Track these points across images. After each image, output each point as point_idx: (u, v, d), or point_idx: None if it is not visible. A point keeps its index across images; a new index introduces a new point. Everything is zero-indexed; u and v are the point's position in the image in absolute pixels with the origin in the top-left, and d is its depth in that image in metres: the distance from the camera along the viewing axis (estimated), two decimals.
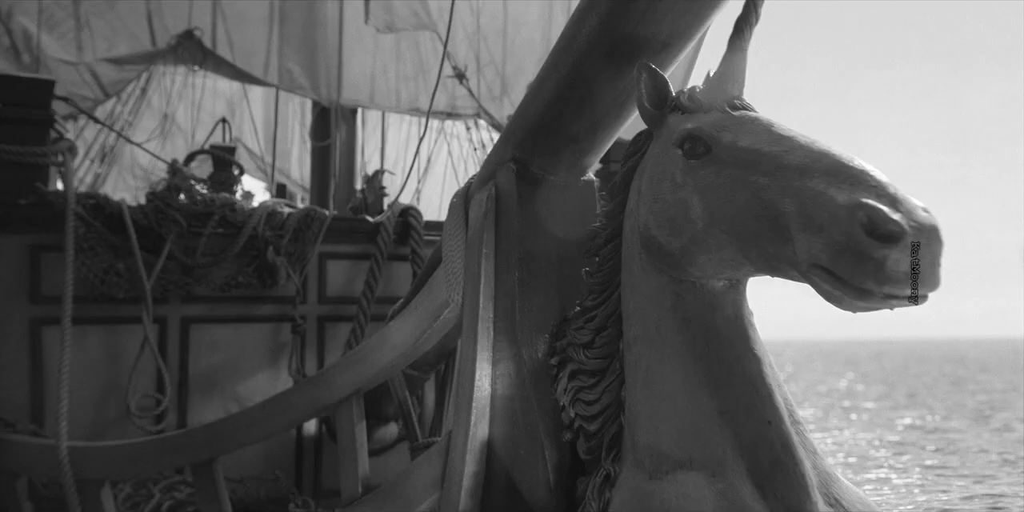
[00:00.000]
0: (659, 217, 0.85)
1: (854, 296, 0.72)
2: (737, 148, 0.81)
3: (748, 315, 0.88)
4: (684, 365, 0.83)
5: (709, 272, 0.83)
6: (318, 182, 4.64)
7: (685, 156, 0.82)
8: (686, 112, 0.88)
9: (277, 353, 2.99)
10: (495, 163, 1.31)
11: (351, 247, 3.12)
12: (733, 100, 0.88)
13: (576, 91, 1.06)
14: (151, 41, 4.11)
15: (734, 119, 0.85)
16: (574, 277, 1.23)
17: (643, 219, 0.88)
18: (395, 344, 1.76)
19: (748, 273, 0.82)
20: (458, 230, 1.48)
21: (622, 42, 0.95)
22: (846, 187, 0.75)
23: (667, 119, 0.90)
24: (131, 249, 2.63)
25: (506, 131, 1.30)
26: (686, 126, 0.83)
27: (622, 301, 0.96)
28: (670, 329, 0.83)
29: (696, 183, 0.82)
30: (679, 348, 0.83)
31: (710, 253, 0.82)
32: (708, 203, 0.80)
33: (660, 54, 0.96)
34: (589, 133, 1.13)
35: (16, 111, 2.68)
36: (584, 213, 1.26)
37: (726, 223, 0.80)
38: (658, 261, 0.86)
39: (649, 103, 0.89)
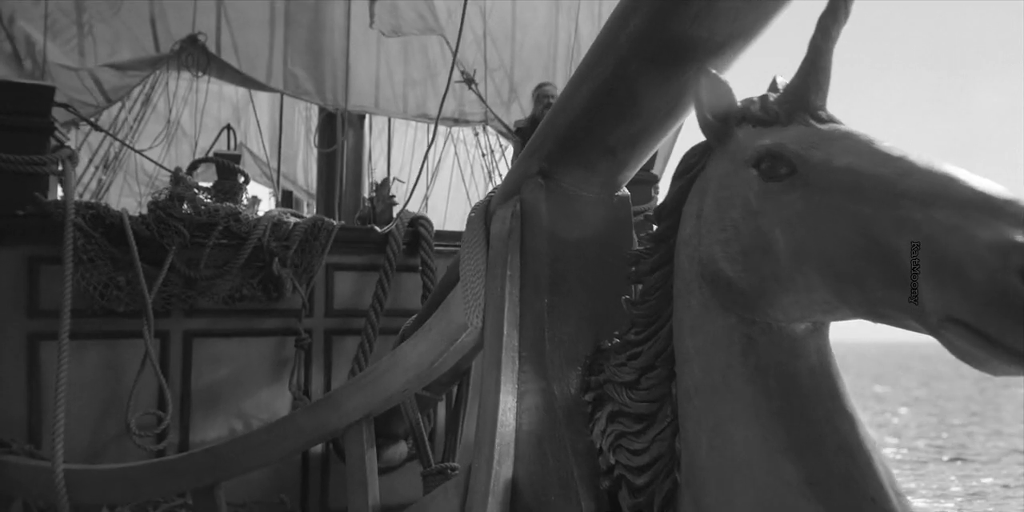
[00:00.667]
0: (728, 248, 0.71)
1: (1005, 359, 0.58)
2: (832, 169, 0.66)
3: (834, 363, 0.75)
4: (761, 424, 0.70)
5: (794, 315, 0.70)
6: (324, 189, 4.54)
7: (762, 177, 0.68)
8: (759, 125, 0.74)
9: (282, 368, 2.89)
10: (520, 176, 1.21)
11: (359, 258, 3.02)
12: (817, 111, 0.73)
13: (615, 99, 0.95)
14: (155, 46, 4.03)
15: (824, 134, 0.70)
16: (608, 303, 1.13)
17: (706, 249, 0.74)
18: (408, 367, 1.66)
19: (843, 317, 0.69)
20: (478, 248, 1.38)
21: (672, 44, 0.83)
22: (989, 221, 0.60)
23: (734, 132, 0.76)
24: (132, 261, 2.53)
25: (532, 142, 1.19)
26: (763, 142, 0.69)
27: (675, 339, 0.83)
28: (740, 378, 0.70)
29: (778, 211, 0.68)
30: (752, 402, 0.70)
31: (796, 294, 0.69)
32: (794, 235, 0.66)
33: (715, 57, 0.85)
34: (628, 145, 1.02)
35: (15, 119, 2.59)
36: (619, 232, 1.15)
37: (819, 260, 0.66)
38: (726, 299, 0.72)
39: (711, 113, 0.76)
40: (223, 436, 2.78)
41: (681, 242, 0.82)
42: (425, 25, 4.23)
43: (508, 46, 5.13)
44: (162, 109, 6.42)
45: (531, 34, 5.18)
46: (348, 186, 4.52)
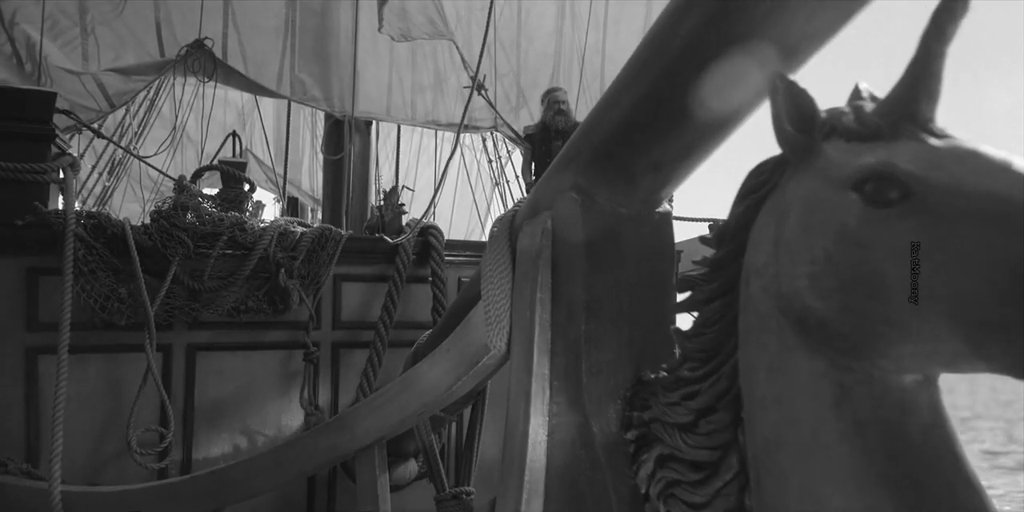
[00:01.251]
0: (820, 283, 0.59)
1: None
2: (964, 195, 0.54)
3: (949, 420, 0.64)
4: (862, 490, 0.58)
5: (908, 367, 0.59)
6: (331, 196, 4.46)
7: (866, 202, 0.56)
8: (855, 139, 0.64)
9: (289, 382, 2.79)
10: (550, 190, 1.11)
11: (367, 268, 2.93)
12: (928, 124, 0.60)
13: (664, 108, 0.85)
14: (159, 51, 3.96)
15: (944, 151, 0.58)
16: (649, 329, 1.03)
17: (789, 282, 0.63)
18: (424, 390, 1.56)
19: (975, 370, 0.57)
20: (502, 266, 1.28)
21: (734, 47, 0.74)
22: None
23: (822, 148, 0.64)
24: (134, 272, 2.45)
25: (566, 154, 1.10)
26: (865, 160, 0.57)
27: (743, 380, 0.73)
28: (833, 434, 0.59)
29: (889, 242, 0.56)
30: (851, 464, 0.59)
31: (916, 343, 0.56)
32: (913, 272, 0.53)
33: (783, 62, 0.75)
34: (676, 159, 0.92)
35: (15, 125, 2.52)
36: (660, 252, 1.06)
37: (950, 304, 0.54)
38: (815, 341, 0.61)
39: (792, 125, 0.64)
40: (227, 453, 2.68)
41: (752, 271, 0.71)
42: (435, 30, 4.15)
43: (515, 52, 5.06)
44: (167, 114, 6.38)
45: (538, 41, 5.11)
46: (355, 193, 4.44)
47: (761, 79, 0.78)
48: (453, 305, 1.66)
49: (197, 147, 7.70)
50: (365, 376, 2.74)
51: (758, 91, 0.79)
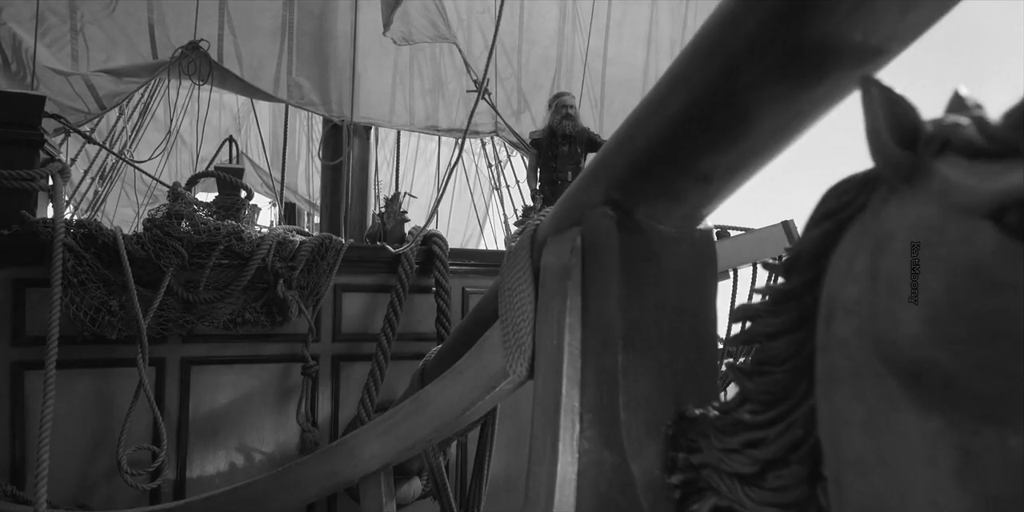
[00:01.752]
0: (947, 333, 0.49)
1: None
2: None
3: None
4: None
5: None
6: (329, 203, 4.36)
7: (1008, 235, 0.46)
8: (978, 157, 0.51)
9: (287, 397, 2.69)
10: (579, 205, 1.02)
11: (369, 278, 2.84)
12: None
13: (719, 116, 0.75)
14: (152, 52, 3.86)
15: None
16: (691, 359, 0.94)
17: (899, 328, 0.53)
18: (434, 414, 1.46)
19: None
20: (523, 285, 1.19)
21: (808, 49, 0.64)
22: None
23: (934, 166, 0.53)
24: (126, 284, 2.34)
25: (597, 165, 1.00)
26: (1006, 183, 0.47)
27: (826, 433, 0.63)
28: (951, 504, 0.50)
29: None
30: None
31: None
32: None
33: (864, 65, 0.65)
34: (729, 171, 0.82)
35: (2, 131, 2.41)
36: (702, 273, 0.96)
37: None
38: (938, 399, 0.51)
39: (893, 138, 0.54)
40: (223, 471, 2.58)
41: (839, 308, 0.61)
42: (437, 33, 4.07)
43: (516, 56, 4.98)
44: (161, 117, 6.27)
45: (540, 44, 5.04)
46: (354, 200, 4.34)
47: (838, 83, 0.68)
48: (465, 324, 1.56)
49: (192, 151, 7.60)
50: (367, 390, 2.64)
51: (831, 96, 0.70)
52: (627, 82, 5.22)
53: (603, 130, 4.80)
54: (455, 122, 4.71)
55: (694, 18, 5.71)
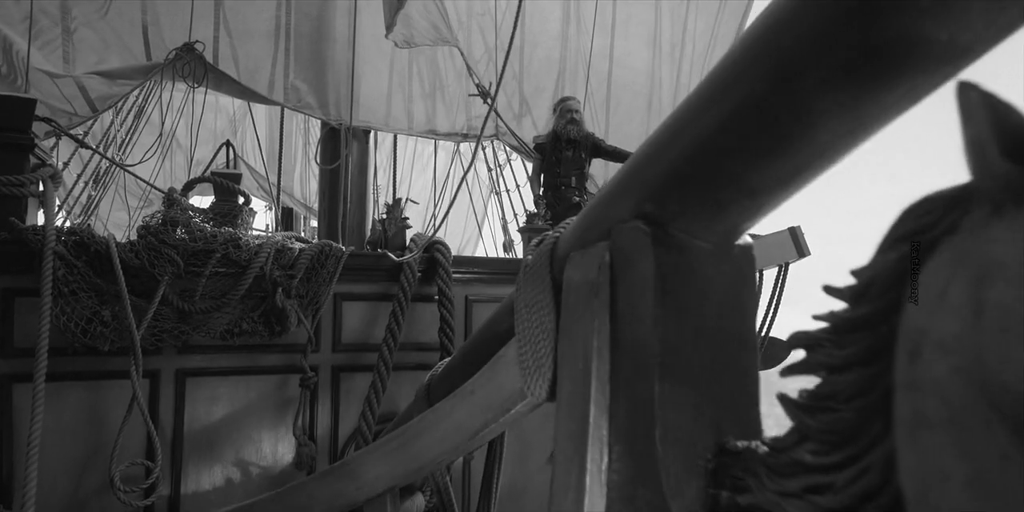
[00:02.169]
0: None
1: None
2: None
3: None
4: None
5: None
6: (328, 208, 4.28)
7: None
8: None
9: (286, 409, 2.61)
10: (607, 218, 0.95)
11: (370, 287, 2.76)
12: None
13: (770, 123, 0.68)
14: (146, 54, 3.78)
15: None
16: (731, 387, 0.87)
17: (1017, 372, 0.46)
18: (443, 436, 1.39)
19: None
20: (542, 303, 1.12)
21: (883, 48, 0.57)
22: None
23: None
24: (119, 293, 2.26)
25: (626, 176, 0.93)
26: None
27: (911, 484, 0.56)
28: None
29: None
30: None
31: None
32: None
33: (947, 67, 0.58)
34: (778, 184, 0.75)
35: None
36: (743, 292, 0.89)
37: None
38: None
39: (1002, 150, 0.47)
40: (219, 487, 2.50)
41: (930, 344, 0.54)
42: (438, 36, 4.00)
43: (517, 59, 4.92)
44: (156, 120, 6.18)
45: (542, 46, 4.97)
46: (352, 205, 4.26)
47: (912, 88, 0.62)
48: (475, 339, 1.49)
49: (187, 154, 7.51)
50: (368, 403, 2.57)
51: (903, 102, 0.63)
52: (632, 85, 5.17)
53: (608, 133, 4.75)
54: (454, 126, 4.64)
55: (694, 21, 5.67)
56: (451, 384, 1.52)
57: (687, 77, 5.63)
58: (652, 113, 5.41)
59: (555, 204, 3.68)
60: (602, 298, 0.93)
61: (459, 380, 1.44)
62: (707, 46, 5.70)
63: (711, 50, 5.69)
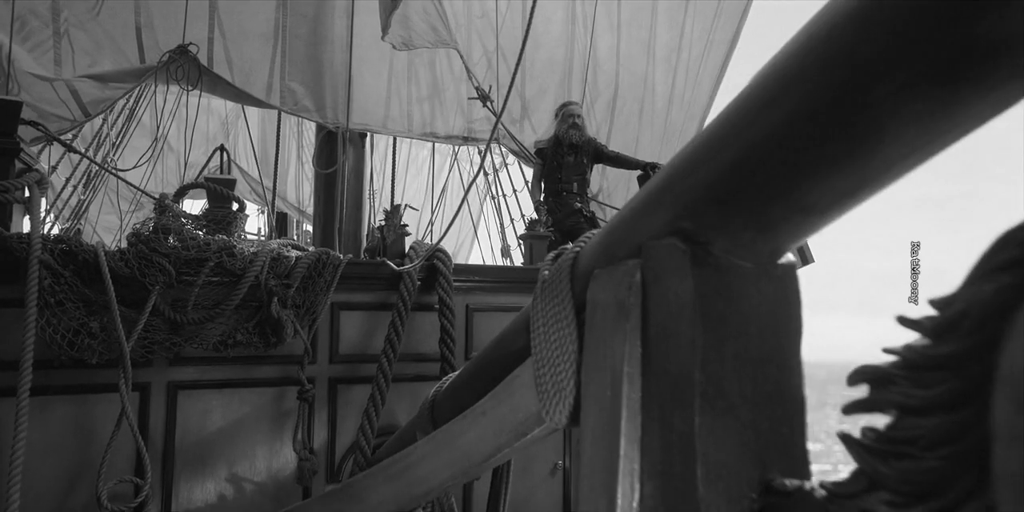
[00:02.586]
0: None
1: None
2: None
3: None
4: None
5: None
6: (323, 213, 4.20)
7: None
8: None
9: (281, 423, 2.53)
10: (636, 233, 0.88)
11: (368, 296, 2.68)
12: None
13: (838, 134, 0.61)
14: (140, 57, 3.69)
15: None
16: (776, 419, 0.80)
17: None
18: (452, 459, 1.32)
19: None
20: (563, 323, 1.05)
21: (988, 48, 0.50)
22: None
23: None
24: (108, 304, 2.17)
25: (661, 187, 0.86)
26: None
27: None
28: None
29: None
30: None
31: None
32: None
33: None
34: (836, 201, 0.68)
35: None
36: (787, 315, 0.82)
37: None
38: None
39: None
40: (212, 504, 2.41)
41: None
42: (438, 38, 3.93)
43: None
44: (148, 123, 6.08)
45: (545, 47, 4.91)
46: (349, 210, 4.18)
47: (1006, 96, 0.55)
48: (485, 356, 1.41)
49: (179, 157, 7.41)
50: (366, 415, 2.48)
51: (993, 110, 0.56)
52: (633, 88, 5.12)
53: (611, 138, 4.69)
54: (453, 129, 4.56)
55: (691, 26, 5.63)
56: (458, 403, 1.44)
57: (682, 83, 5.58)
58: (643, 120, 5.35)
59: (556, 210, 3.62)
60: (633, 320, 0.85)
61: (467, 399, 1.37)
62: (703, 51, 5.66)
63: (706, 55, 5.65)
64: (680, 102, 5.58)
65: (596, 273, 0.96)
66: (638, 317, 0.86)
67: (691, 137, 2.83)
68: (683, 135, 5.66)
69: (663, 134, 5.56)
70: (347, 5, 4.18)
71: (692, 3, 5.53)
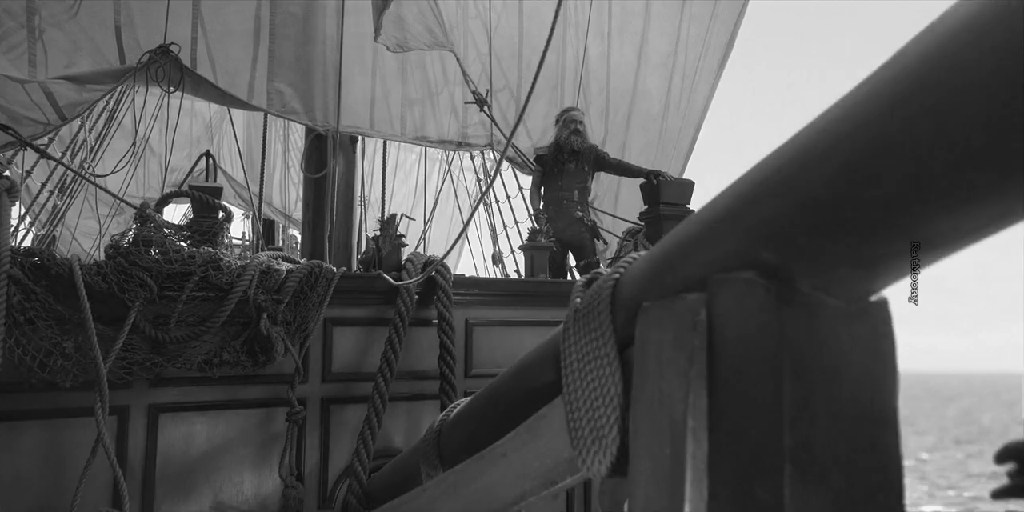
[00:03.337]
0: None
1: None
2: None
3: None
4: None
5: None
6: (312, 220, 4.04)
7: None
8: None
9: (271, 447, 2.37)
10: (700, 262, 0.76)
11: (363, 310, 2.55)
12: None
13: (974, 154, 0.49)
14: (119, 57, 3.52)
15: None
16: (872, 486, 0.68)
17: None
18: (468, 506, 1.19)
19: None
20: (602, 361, 0.92)
21: None
22: None
23: None
24: (83, 322, 2.02)
25: (733, 209, 0.73)
26: None
27: None
28: None
29: None
30: None
31: None
32: None
33: None
34: (962, 236, 0.56)
35: None
36: (882, 362, 0.71)
37: None
38: None
39: None
40: None
41: None
42: (433, 40, 3.80)
43: (514, 65, 4.74)
44: (128, 125, 5.87)
45: (538, 52, 4.80)
46: (339, 217, 4.03)
47: None
48: (503, 388, 1.28)
49: (161, 161, 7.21)
50: (362, 438, 2.34)
51: None
52: (627, 94, 5.02)
53: (605, 144, 4.58)
54: (447, 133, 4.43)
55: (687, 30, 5.55)
56: (469, 438, 1.32)
57: (678, 89, 5.50)
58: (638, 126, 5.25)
59: (556, 219, 3.49)
60: (698, 366, 0.73)
61: (481, 435, 1.24)
62: (699, 55, 5.58)
63: (702, 59, 5.57)
64: (676, 108, 5.49)
65: (646, 306, 0.84)
66: (703, 362, 0.74)
67: (688, 144, 2.73)
68: (679, 142, 5.58)
69: (659, 141, 5.47)
70: (338, 4, 4.04)
71: (688, 6, 5.45)
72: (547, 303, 2.83)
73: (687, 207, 3.23)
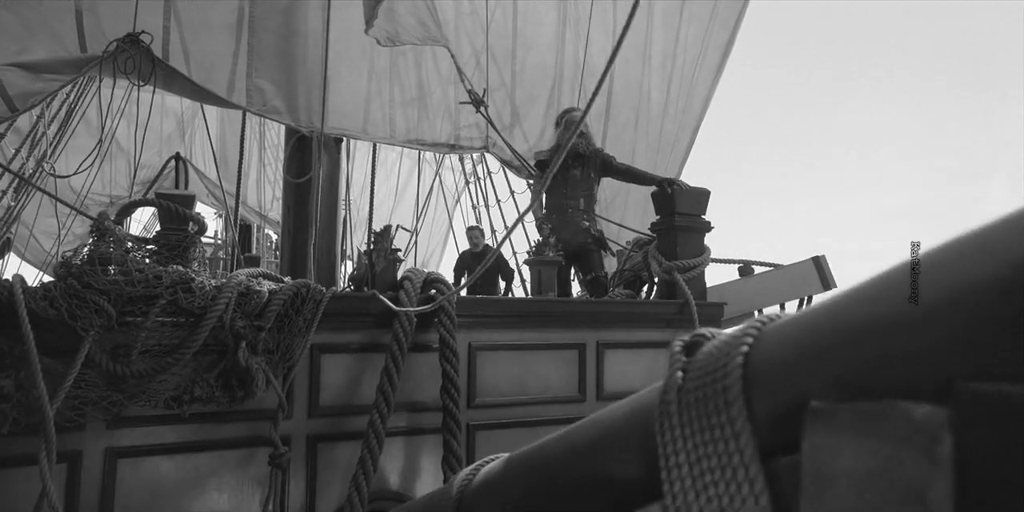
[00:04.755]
0: None
1: None
2: None
3: None
4: None
5: None
6: (294, 228, 3.73)
7: None
8: None
9: (250, 493, 2.08)
10: (926, 362, 0.49)
11: (356, 335, 2.26)
12: None
13: None
14: (80, 45, 3.18)
15: None
16: None
17: None
18: None
19: None
20: (735, 471, 0.66)
21: None
22: None
23: None
24: (26, 355, 1.70)
25: (980, 290, 0.48)
26: None
27: None
28: None
29: None
30: None
31: None
32: None
33: None
34: None
35: None
36: None
37: None
38: None
39: None
40: None
41: None
42: (426, 34, 3.52)
43: (508, 65, 4.48)
44: (94, 120, 5.49)
45: (536, 50, 4.54)
46: (321, 224, 3.72)
47: None
48: (552, 468, 1.01)
49: (129, 158, 6.79)
50: (355, 482, 2.06)
51: None
52: (628, 96, 4.79)
53: (605, 148, 4.34)
54: (441, 136, 4.15)
55: (687, 30, 5.35)
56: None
57: (676, 91, 5.30)
58: (639, 129, 5.04)
59: (561, 229, 3.24)
60: (941, 498, 0.48)
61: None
62: (697, 56, 5.39)
63: (701, 60, 5.38)
64: (674, 111, 5.30)
65: (825, 408, 0.58)
66: (950, 504, 0.48)
67: (684, 147, 2.29)
68: (676, 145, 5.38)
69: (657, 144, 5.27)
70: None
71: (688, 4, 5.25)
72: (557, 324, 2.58)
73: (703, 218, 3.00)
